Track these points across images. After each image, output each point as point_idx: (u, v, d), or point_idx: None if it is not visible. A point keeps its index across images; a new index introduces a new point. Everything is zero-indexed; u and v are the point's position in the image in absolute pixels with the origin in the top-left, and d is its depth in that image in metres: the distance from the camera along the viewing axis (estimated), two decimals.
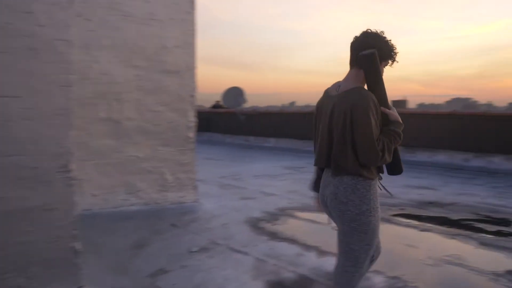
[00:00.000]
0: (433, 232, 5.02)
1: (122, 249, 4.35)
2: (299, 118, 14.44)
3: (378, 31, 2.35)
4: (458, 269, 3.85)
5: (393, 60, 2.40)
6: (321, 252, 4.28)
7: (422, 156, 10.53)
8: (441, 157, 10.21)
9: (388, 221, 5.48)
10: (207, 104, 25.84)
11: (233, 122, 16.41)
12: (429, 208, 6.17)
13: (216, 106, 21.42)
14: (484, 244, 4.58)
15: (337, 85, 2.42)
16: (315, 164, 2.56)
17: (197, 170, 6.31)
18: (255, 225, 5.25)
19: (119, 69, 5.55)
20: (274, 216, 5.64)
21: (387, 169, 2.47)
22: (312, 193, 2.77)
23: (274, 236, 4.82)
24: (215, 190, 7.31)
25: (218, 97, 20.08)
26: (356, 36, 2.36)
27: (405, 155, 10.83)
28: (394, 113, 2.36)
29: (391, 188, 2.68)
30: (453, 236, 4.83)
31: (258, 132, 15.52)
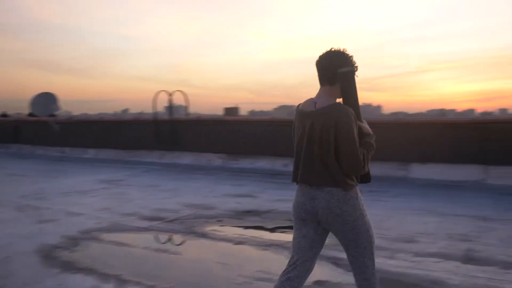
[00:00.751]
0: (247, 244, 4.80)
1: None
2: (121, 126, 13.54)
3: (341, 49, 2.50)
4: (267, 286, 3.62)
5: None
6: (121, 282, 3.69)
7: (244, 163, 10.58)
8: (263, 163, 10.37)
9: (203, 235, 5.13)
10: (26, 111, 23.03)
11: (46, 132, 14.71)
12: (246, 217, 6.01)
13: (33, 114, 19.12)
14: None
15: (311, 101, 2.52)
16: (300, 181, 2.57)
17: None
18: (48, 254, 4.42)
19: None
20: (74, 242, 4.86)
21: (358, 178, 2.55)
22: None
23: (69, 266, 4.08)
24: (8, 214, 6.18)
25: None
26: (321, 56, 2.51)
27: (228, 162, 10.81)
28: (366, 126, 2.51)
29: (210, 198, 2.26)
30: (266, 247, 4.66)
31: (75, 143, 14.15)
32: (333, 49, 2.52)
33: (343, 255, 4.38)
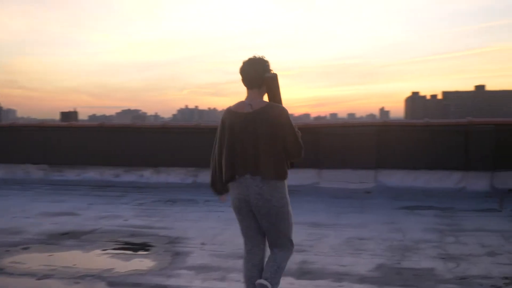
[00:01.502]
0: (55, 277, 3.95)
1: None
2: None
3: (261, 56, 2.93)
4: None
5: None
6: None
7: (71, 174, 9.37)
8: (91, 173, 9.29)
9: None
10: None
11: None
12: (62, 241, 5.09)
13: None
14: (112, 284, 3.79)
15: (245, 103, 2.88)
16: (238, 173, 2.88)
17: None
18: None
19: None
20: None
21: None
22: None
23: None
24: None
25: None
26: (247, 63, 2.90)
27: (51, 175, 9.48)
28: None
29: (20, 219, 1.47)
30: (78, 280, 3.87)
31: None
32: (256, 57, 2.93)
33: (169, 282, 3.83)
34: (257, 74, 2.89)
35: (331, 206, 6.56)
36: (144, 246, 4.90)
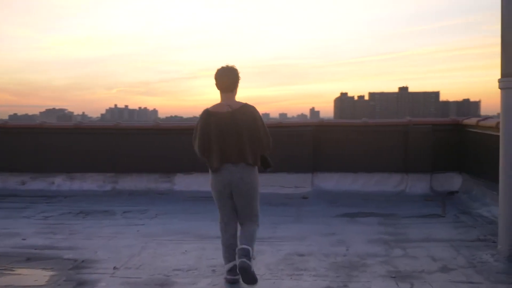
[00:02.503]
0: None
1: None
2: None
3: (231, 65, 3.69)
4: None
5: None
6: None
7: None
8: None
9: None
10: None
11: None
12: None
13: None
14: None
15: (223, 105, 3.61)
16: (224, 162, 3.57)
17: None
18: None
19: None
20: None
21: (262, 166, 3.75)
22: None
23: None
24: None
25: None
26: (222, 71, 3.65)
27: None
28: None
29: None
30: None
31: None
32: (229, 66, 3.66)
33: None
34: (232, 80, 3.63)
35: (265, 215, 5.83)
36: (41, 275, 3.99)
